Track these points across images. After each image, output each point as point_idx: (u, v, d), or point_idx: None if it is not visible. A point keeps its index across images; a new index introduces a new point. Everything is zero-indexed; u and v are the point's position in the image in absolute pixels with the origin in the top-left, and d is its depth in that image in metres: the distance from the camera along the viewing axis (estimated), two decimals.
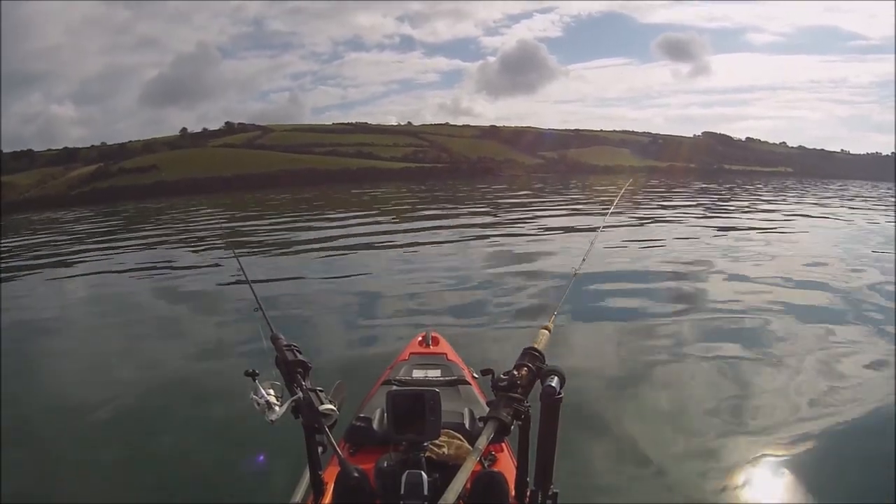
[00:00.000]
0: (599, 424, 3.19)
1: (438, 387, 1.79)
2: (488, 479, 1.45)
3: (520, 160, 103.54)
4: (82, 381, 4.51)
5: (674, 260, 8.53)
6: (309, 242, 12.92)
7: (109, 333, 5.96)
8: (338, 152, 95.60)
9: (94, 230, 20.66)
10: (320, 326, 5.67)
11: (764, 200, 23.90)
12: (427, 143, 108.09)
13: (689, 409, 3.43)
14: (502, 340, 4.83)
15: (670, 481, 2.68)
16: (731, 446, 2.97)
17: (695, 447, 3.00)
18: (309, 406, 1.41)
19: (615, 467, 2.81)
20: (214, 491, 2.72)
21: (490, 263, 8.80)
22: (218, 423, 3.35)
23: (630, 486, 2.67)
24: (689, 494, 2.60)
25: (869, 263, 8.14)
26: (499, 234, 12.65)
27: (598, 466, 2.78)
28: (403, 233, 13.80)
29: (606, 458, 2.88)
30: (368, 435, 1.87)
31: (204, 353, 5.03)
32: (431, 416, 1.37)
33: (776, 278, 7.07)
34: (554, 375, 1.32)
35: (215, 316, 6.40)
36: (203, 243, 13.93)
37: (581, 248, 2.01)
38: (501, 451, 1.87)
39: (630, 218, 14.66)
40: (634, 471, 2.79)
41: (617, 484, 2.68)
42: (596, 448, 2.94)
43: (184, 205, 34.61)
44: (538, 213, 18.09)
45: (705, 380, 3.85)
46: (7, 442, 3.18)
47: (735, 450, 2.94)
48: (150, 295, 8.02)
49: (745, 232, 12.61)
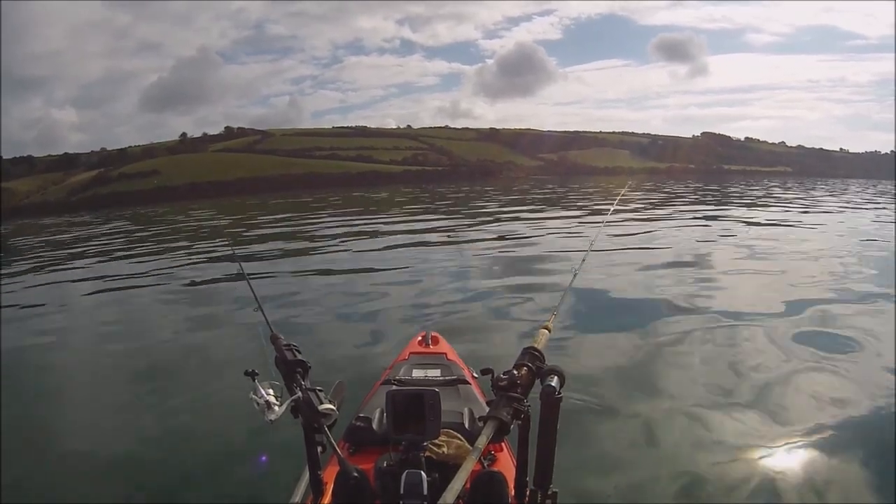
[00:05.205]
0: (599, 424, 3.18)
1: (438, 386, 1.79)
2: (488, 479, 1.45)
3: (519, 162, 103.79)
4: (81, 380, 4.52)
5: (673, 259, 8.52)
6: (308, 243, 12.94)
7: (109, 334, 5.97)
8: (338, 156, 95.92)
9: (95, 234, 20.70)
10: (320, 326, 5.67)
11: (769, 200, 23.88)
12: (427, 146, 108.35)
13: (689, 408, 3.42)
14: (502, 340, 4.82)
15: (670, 481, 2.67)
16: (732, 447, 2.96)
17: (695, 447, 2.98)
18: (308, 406, 1.40)
19: (614, 467, 2.81)
20: (214, 491, 2.71)
21: (490, 263, 8.80)
22: (217, 423, 3.35)
23: (630, 485, 2.67)
24: (688, 494, 2.59)
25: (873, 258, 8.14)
26: (499, 235, 12.66)
27: (598, 466, 2.77)
28: (403, 233, 13.81)
29: (606, 458, 2.87)
30: (368, 435, 1.87)
31: (203, 352, 5.03)
32: (431, 415, 1.36)
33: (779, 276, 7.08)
34: (554, 375, 1.32)
35: (215, 315, 6.40)
36: (203, 244, 13.95)
37: (581, 249, 2.01)
38: (501, 450, 1.87)
39: (630, 218, 14.67)
40: (634, 470, 2.78)
41: (616, 483, 2.67)
42: (596, 447, 2.93)
43: (184, 209, 34.68)
44: (538, 214, 18.11)
45: (706, 379, 3.83)
46: (7, 442, 3.18)
47: (735, 451, 2.92)
48: (150, 295, 8.02)
49: (745, 228, 12.63)
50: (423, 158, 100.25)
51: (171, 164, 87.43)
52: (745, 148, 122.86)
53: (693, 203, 22.35)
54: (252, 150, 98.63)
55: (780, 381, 3.75)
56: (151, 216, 30.49)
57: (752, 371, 3.96)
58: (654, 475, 2.71)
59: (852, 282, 6.71)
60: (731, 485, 2.65)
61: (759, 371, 3.96)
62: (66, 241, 18.85)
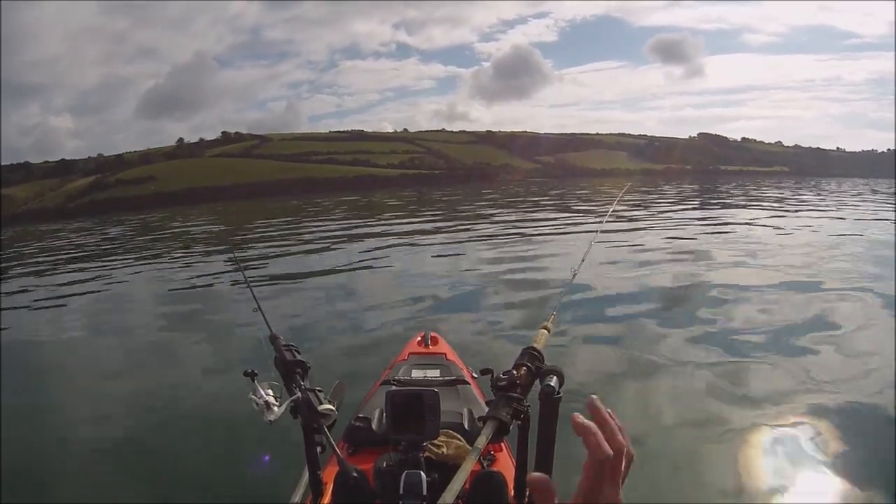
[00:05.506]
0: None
1: (437, 387, 1.78)
2: (487, 479, 1.45)
3: (516, 164, 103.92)
4: (82, 381, 4.52)
5: (673, 259, 8.54)
6: (307, 245, 12.93)
7: (109, 334, 5.97)
8: (335, 160, 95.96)
9: (93, 239, 20.65)
10: (319, 326, 5.67)
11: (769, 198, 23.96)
12: (423, 149, 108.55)
13: (688, 407, 3.43)
14: (502, 340, 4.83)
15: (669, 480, 2.67)
16: (732, 448, 2.96)
17: (694, 447, 2.99)
18: (308, 406, 1.40)
19: None
20: (213, 491, 2.71)
21: (489, 264, 8.81)
22: (217, 424, 3.35)
23: (630, 485, 2.65)
24: (688, 494, 2.59)
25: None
26: (498, 235, 12.68)
27: None
28: (402, 234, 13.83)
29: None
30: (367, 435, 1.87)
31: (203, 353, 5.04)
32: (430, 415, 1.36)
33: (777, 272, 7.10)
34: (553, 375, 1.31)
35: (214, 316, 6.41)
36: (202, 246, 13.96)
37: (580, 249, 2.01)
38: (500, 450, 1.86)
39: (629, 219, 14.69)
40: (634, 470, 2.77)
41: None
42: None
43: (182, 213, 34.65)
44: (537, 216, 18.14)
45: (706, 378, 3.84)
46: (7, 443, 3.17)
47: (735, 452, 2.93)
48: (150, 296, 8.02)
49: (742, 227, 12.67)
50: (419, 162, 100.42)
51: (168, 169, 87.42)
52: (741, 148, 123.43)
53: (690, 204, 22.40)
54: (249, 154, 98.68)
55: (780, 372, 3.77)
56: (149, 221, 30.46)
57: (752, 369, 3.98)
58: (654, 474, 2.71)
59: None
60: (731, 484, 2.65)
61: (759, 364, 3.98)
62: (63, 247, 18.81)
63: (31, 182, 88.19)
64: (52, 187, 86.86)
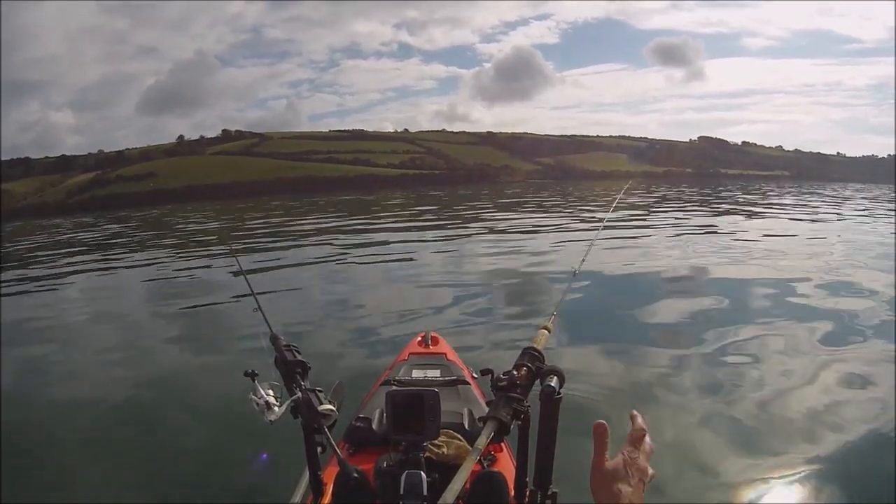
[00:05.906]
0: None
1: (438, 387, 1.78)
2: (488, 479, 1.45)
3: (517, 166, 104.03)
4: (81, 381, 4.50)
5: (673, 259, 8.55)
6: (308, 244, 12.93)
7: (109, 334, 5.95)
8: (335, 159, 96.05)
9: (93, 235, 20.64)
10: (320, 326, 5.66)
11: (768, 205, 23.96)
12: (424, 149, 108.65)
13: (688, 410, 3.42)
14: (502, 340, 4.82)
15: (669, 481, 2.67)
16: (732, 448, 2.96)
17: (694, 448, 2.98)
18: (308, 406, 1.39)
19: None
20: (213, 491, 2.70)
21: (490, 264, 8.80)
22: (217, 424, 3.33)
23: None
24: (690, 493, 2.58)
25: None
26: (498, 236, 12.68)
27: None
28: (402, 234, 13.83)
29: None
30: (368, 435, 1.87)
31: (203, 353, 5.03)
32: (431, 416, 1.36)
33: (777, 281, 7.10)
34: (553, 375, 1.31)
35: (214, 316, 6.39)
36: (202, 246, 13.94)
37: (580, 250, 2.01)
38: (501, 451, 1.86)
39: (629, 220, 14.69)
40: None
41: None
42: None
43: (182, 211, 34.62)
44: (537, 216, 18.14)
45: (705, 380, 3.84)
46: (7, 443, 3.16)
47: (735, 453, 2.92)
48: (150, 296, 8.01)
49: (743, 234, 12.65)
50: (420, 162, 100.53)
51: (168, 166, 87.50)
52: (742, 152, 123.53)
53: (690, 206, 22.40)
54: (249, 153, 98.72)
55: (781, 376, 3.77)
56: (149, 218, 30.44)
57: (752, 370, 3.97)
58: (656, 474, 2.70)
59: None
60: (732, 483, 2.65)
61: (760, 371, 3.97)
62: (64, 242, 18.81)
63: (32, 177, 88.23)
64: (52, 183, 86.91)
